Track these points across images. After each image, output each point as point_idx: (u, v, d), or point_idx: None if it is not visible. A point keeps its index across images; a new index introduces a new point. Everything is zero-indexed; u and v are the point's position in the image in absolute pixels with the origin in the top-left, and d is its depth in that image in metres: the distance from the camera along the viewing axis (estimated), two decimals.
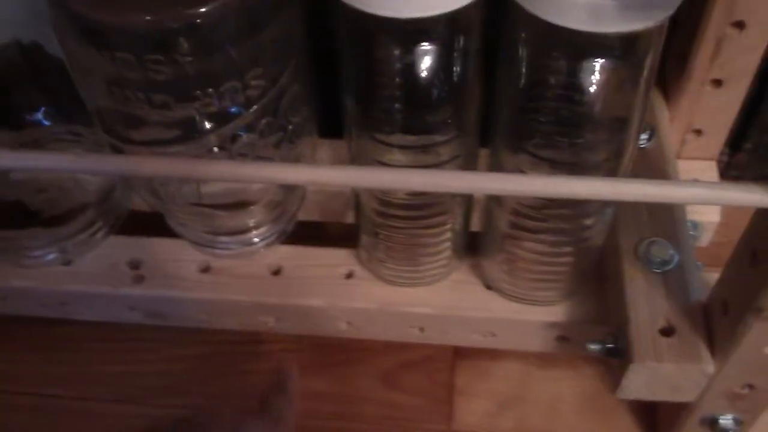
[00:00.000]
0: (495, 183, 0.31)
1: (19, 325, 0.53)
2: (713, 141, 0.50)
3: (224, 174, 0.31)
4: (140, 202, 0.52)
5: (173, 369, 0.52)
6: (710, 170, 0.50)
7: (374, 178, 0.31)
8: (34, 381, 0.52)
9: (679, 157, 0.50)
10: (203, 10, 0.31)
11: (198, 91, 0.34)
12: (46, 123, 0.44)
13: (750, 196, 0.30)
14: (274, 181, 0.34)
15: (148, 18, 0.31)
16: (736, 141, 0.55)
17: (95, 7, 0.32)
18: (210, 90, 0.34)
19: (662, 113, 0.48)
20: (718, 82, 0.45)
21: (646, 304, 0.40)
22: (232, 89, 0.34)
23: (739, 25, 0.42)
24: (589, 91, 0.33)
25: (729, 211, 0.51)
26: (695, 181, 0.48)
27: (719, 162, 0.53)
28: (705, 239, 0.51)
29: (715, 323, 0.39)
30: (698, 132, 0.49)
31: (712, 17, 0.42)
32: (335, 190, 0.50)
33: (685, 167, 0.50)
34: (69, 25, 0.33)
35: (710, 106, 0.47)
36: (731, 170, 0.56)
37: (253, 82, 0.35)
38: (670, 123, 0.48)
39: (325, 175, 0.31)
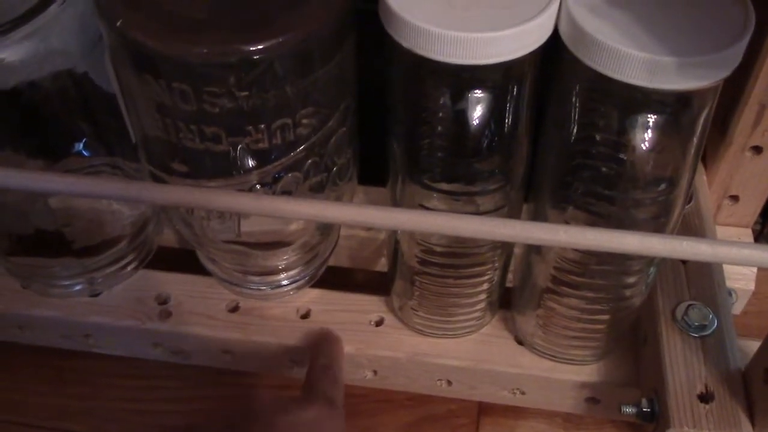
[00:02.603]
0: (546, 233, 0.31)
1: (36, 355, 0.52)
2: (749, 208, 0.49)
3: (274, 210, 0.31)
4: (168, 238, 0.52)
5: (190, 409, 0.51)
6: (746, 237, 0.50)
7: (425, 222, 0.31)
8: (46, 414, 0.51)
9: (714, 222, 0.50)
10: (262, 46, 0.32)
11: (250, 127, 0.34)
12: (86, 154, 0.44)
13: None
14: (323, 220, 0.34)
15: (207, 51, 0.32)
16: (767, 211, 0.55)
17: (154, 36, 0.32)
18: (262, 126, 0.34)
19: (700, 177, 0.48)
20: (758, 149, 0.46)
21: (683, 369, 0.39)
22: (284, 127, 0.34)
23: None
24: (640, 146, 0.33)
25: (760, 280, 0.50)
26: (750, 243, 0.48)
27: (752, 231, 0.53)
28: (738, 307, 0.50)
29: (755, 391, 0.38)
30: (735, 198, 0.49)
31: (757, 83, 0.42)
32: (366, 237, 0.50)
33: (720, 233, 0.50)
34: (126, 53, 0.33)
35: (749, 173, 0.47)
36: (762, 240, 0.56)
37: (304, 121, 0.35)
38: (708, 188, 0.48)
39: (377, 216, 0.31)
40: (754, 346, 0.40)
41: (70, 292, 0.47)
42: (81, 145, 0.44)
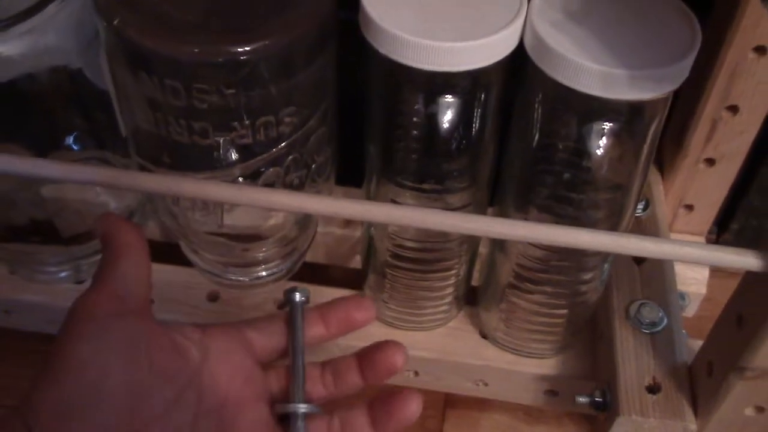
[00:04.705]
0: (505, 227, 0.33)
1: (22, 341, 0.54)
2: (703, 217, 0.53)
3: (256, 200, 0.34)
4: (152, 231, 0.54)
5: None
6: None
7: (394, 215, 0.34)
8: None
9: (670, 230, 0.53)
10: (248, 48, 0.34)
11: (236, 123, 0.36)
12: (76, 148, 0.47)
13: (740, 259, 0.33)
14: (300, 210, 0.36)
15: (198, 50, 0.34)
16: (724, 221, 0.58)
17: (149, 35, 0.34)
18: (247, 122, 0.36)
19: (657, 187, 0.51)
20: (711, 161, 0.49)
21: (634, 362, 0.42)
22: (267, 124, 0.37)
23: (733, 109, 0.45)
24: (596, 151, 0.35)
25: (714, 287, 0.53)
26: (690, 242, 0.51)
27: (708, 240, 0.56)
28: (691, 310, 0.53)
29: (699, 384, 0.41)
30: (689, 207, 0.52)
31: (709, 100, 0.45)
32: (342, 235, 0.52)
33: None
34: (122, 50, 0.36)
35: (702, 184, 0.50)
36: None
37: (287, 119, 0.37)
38: (664, 197, 0.51)
39: (351, 207, 0.34)
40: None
41: (56, 278, 0.49)
42: (71, 139, 0.46)
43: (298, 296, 0.38)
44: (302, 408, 0.36)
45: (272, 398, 0.37)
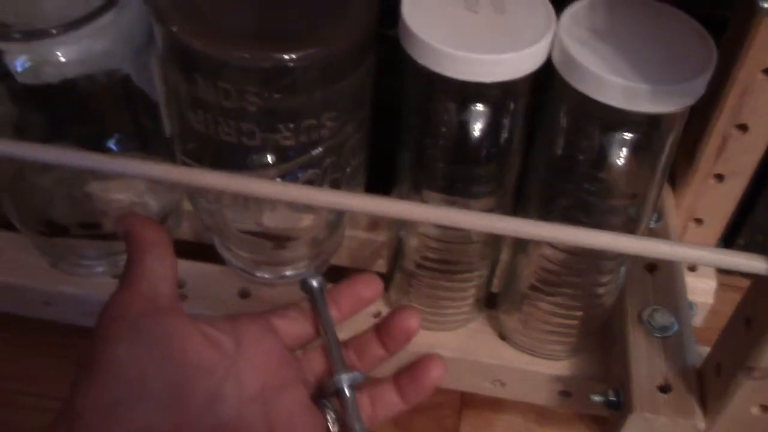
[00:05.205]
0: (534, 228, 0.36)
1: (55, 333, 0.56)
2: (711, 231, 0.55)
3: (299, 196, 0.36)
4: (185, 231, 0.56)
5: None
6: None
7: (431, 214, 0.36)
8: (63, 387, 0.54)
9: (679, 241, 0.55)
10: (295, 55, 0.37)
11: (281, 125, 0.39)
12: (117, 148, 0.49)
13: (750, 263, 0.35)
14: (341, 208, 0.39)
15: (249, 56, 0.37)
16: (731, 237, 0.61)
17: (205, 41, 0.37)
18: (291, 125, 0.39)
19: (669, 200, 0.54)
20: (720, 177, 0.51)
21: (646, 364, 0.44)
22: (310, 127, 0.39)
23: (743, 127, 0.48)
24: (616, 160, 0.38)
25: (721, 300, 0.56)
26: (704, 245, 0.53)
27: None
28: (698, 319, 0.56)
29: (708, 385, 0.43)
30: (699, 221, 0.54)
31: (720, 118, 0.48)
32: (366, 239, 0.54)
33: None
34: (178, 55, 0.38)
35: (712, 198, 0.53)
36: None
37: (328, 123, 0.40)
38: (675, 210, 0.54)
39: (389, 206, 0.36)
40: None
41: (93, 272, 0.52)
42: (113, 141, 0.49)
43: (315, 282, 0.40)
44: (347, 379, 0.37)
45: (307, 382, 0.38)
